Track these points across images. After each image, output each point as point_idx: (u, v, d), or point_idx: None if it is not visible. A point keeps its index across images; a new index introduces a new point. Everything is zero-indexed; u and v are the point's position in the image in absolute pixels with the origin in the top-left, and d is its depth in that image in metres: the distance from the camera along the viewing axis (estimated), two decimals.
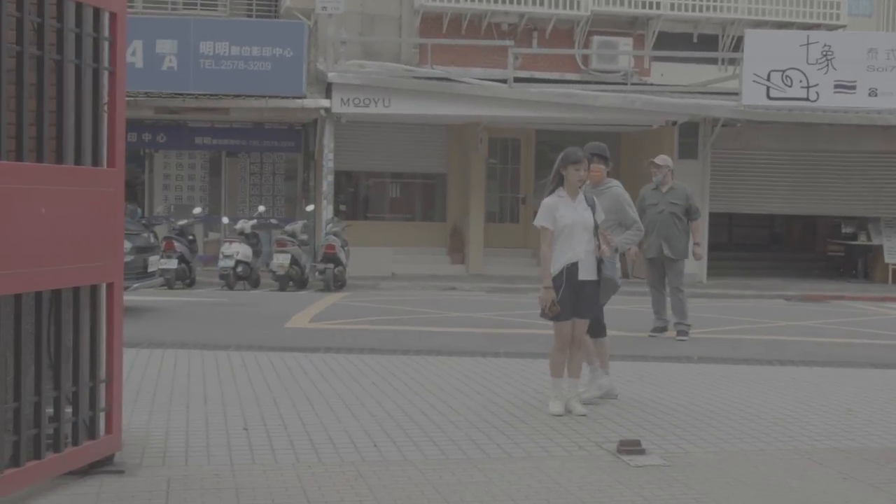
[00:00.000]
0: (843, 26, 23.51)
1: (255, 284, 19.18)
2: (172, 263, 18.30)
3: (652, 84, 22.82)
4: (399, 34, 22.97)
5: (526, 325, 13.08)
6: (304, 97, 20.51)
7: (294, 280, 18.83)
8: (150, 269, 14.38)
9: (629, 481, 5.87)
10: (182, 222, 20.05)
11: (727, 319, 14.81)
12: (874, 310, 17.35)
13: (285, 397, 8.08)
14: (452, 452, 6.47)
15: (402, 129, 22.84)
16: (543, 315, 7.63)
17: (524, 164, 24.08)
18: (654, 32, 23.26)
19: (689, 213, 12.56)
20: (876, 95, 20.18)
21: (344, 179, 23.26)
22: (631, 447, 6.50)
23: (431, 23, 22.71)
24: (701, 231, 12.78)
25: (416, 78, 21.10)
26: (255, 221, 20.26)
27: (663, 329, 12.67)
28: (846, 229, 23.71)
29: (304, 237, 19.50)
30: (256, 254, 19.67)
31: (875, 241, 22.88)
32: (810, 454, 6.63)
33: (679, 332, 12.41)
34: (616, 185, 8.71)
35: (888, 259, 22.57)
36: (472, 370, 9.65)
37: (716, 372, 9.93)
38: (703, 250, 12.88)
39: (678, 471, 6.11)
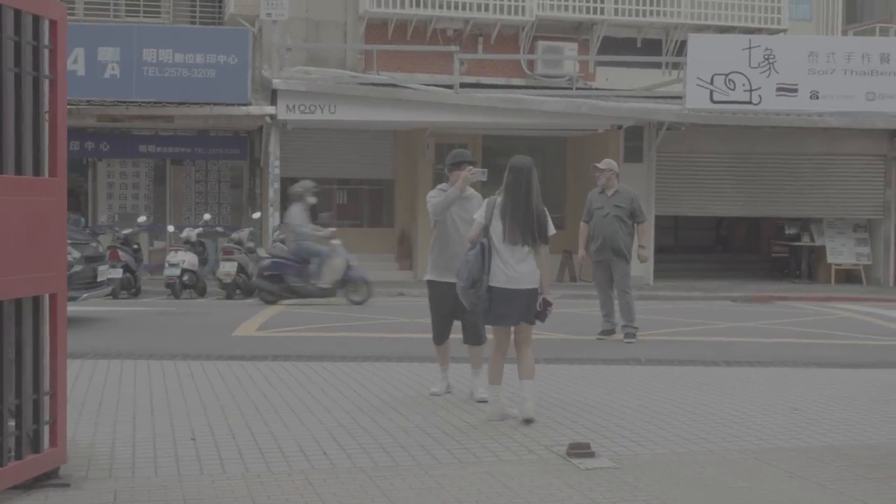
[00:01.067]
0: (785, 30, 23.81)
1: (202, 293, 19.02)
2: (117, 273, 18.07)
3: (597, 88, 22.96)
4: (344, 40, 22.91)
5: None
6: (250, 104, 20.40)
7: (241, 288, 18.69)
8: (99, 279, 14.20)
9: (579, 484, 5.89)
10: (126, 231, 19.85)
11: (674, 321, 14.92)
12: (818, 310, 17.56)
13: (233, 406, 8.02)
14: (403, 459, 6.45)
15: (348, 135, 22.79)
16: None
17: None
18: (598, 37, 23.40)
19: (635, 216, 12.64)
20: (817, 98, 20.46)
21: (290, 186, 23.11)
22: (580, 450, 6.52)
23: (377, 29, 22.68)
24: (647, 234, 12.87)
25: (362, 84, 21.07)
26: (200, 229, 20.11)
27: (611, 332, 12.73)
28: (790, 231, 24.00)
29: (251, 245, 19.36)
30: (202, 262, 19.53)
31: (818, 242, 23.18)
32: (757, 454, 6.69)
33: (626, 335, 12.48)
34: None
35: (831, 259, 22.88)
36: (422, 376, 9.63)
37: (664, 374, 9.99)
38: (650, 253, 12.95)
39: (627, 473, 6.14)
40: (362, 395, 8.61)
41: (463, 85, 20.92)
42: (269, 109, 20.27)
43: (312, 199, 17.76)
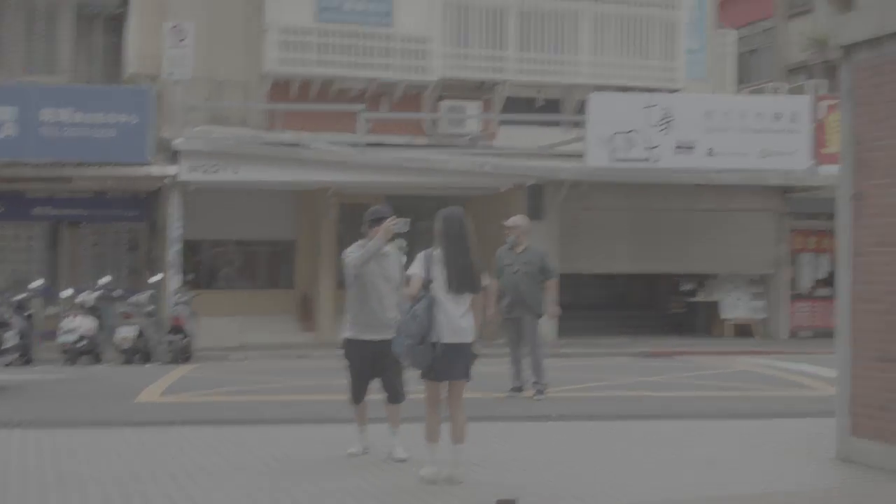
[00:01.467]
0: (681, 89, 24.35)
1: (98, 359, 18.52)
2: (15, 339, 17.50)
3: (498, 147, 23.14)
4: (246, 100, 22.76)
5: None
6: (150, 164, 20.06)
7: (140, 352, 18.27)
8: (4, 346, 13.68)
9: None
10: (20, 296, 19.24)
11: (581, 377, 14.97)
12: (717, 363, 17.82)
13: (147, 474, 7.76)
14: None
15: (250, 196, 22.54)
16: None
17: None
18: (501, 97, 23.65)
19: (545, 273, 12.72)
20: (713, 155, 20.94)
21: (191, 248, 22.79)
22: None
23: (280, 88, 22.58)
24: (556, 290, 12.94)
25: (265, 144, 20.93)
26: (98, 293, 19.59)
27: (520, 389, 12.72)
28: (686, 286, 24.41)
29: (151, 308, 18.96)
30: (100, 327, 19.00)
31: (714, 298, 23.61)
32: None
33: (537, 392, 12.48)
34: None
35: (726, 314, 23.32)
36: (337, 437, 9.41)
37: (577, 430, 10.02)
38: (558, 309, 13.03)
39: None
40: (279, 459, 8.43)
41: (367, 144, 20.91)
42: (171, 170, 19.95)
43: None
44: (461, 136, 23.24)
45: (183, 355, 18.11)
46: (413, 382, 8.06)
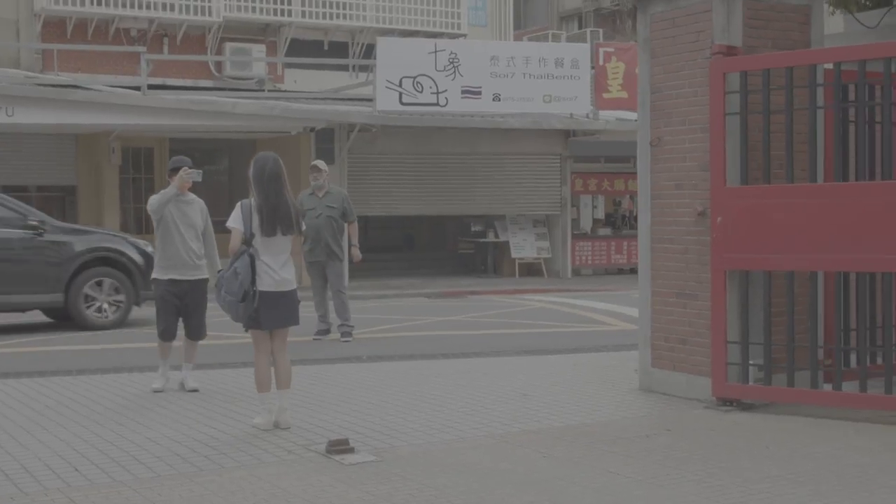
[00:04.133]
0: (465, 35, 24.78)
1: None
2: None
3: (287, 91, 22.97)
4: (18, 39, 21.68)
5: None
6: None
7: None
8: None
9: (348, 479, 5.96)
10: None
11: (380, 319, 15.22)
12: (511, 301, 18.44)
13: None
14: (161, 469, 6.28)
15: (27, 138, 21.56)
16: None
17: (158, 173, 23.44)
18: (286, 39, 23.45)
19: (346, 216, 12.81)
20: (499, 100, 21.44)
21: None
22: (340, 447, 6.58)
23: (54, 28, 21.64)
24: (357, 233, 13.06)
25: (41, 85, 20.01)
26: None
27: (327, 332, 12.83)
28: (475, 228, 25.01)
29: None
30: None
31: (502, 238, 24.31)
32: (506, 438, 7.01)
33: (343, 334, 12.62)
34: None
35: (514, 254, 24.05)
36: (146, 386, 9.29)
37: (389, 370, 10.19)
38: (359, 253, 13.14)
39: (391, 465, 6.27)
40: (91, 407, 8.25)
41: (150, 87, 20.32)
42: None
43: None
44: (247, 80, 22.95)
45: None
46: (236, 328, 8.02)
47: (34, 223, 14.20)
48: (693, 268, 8.26)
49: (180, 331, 9.23)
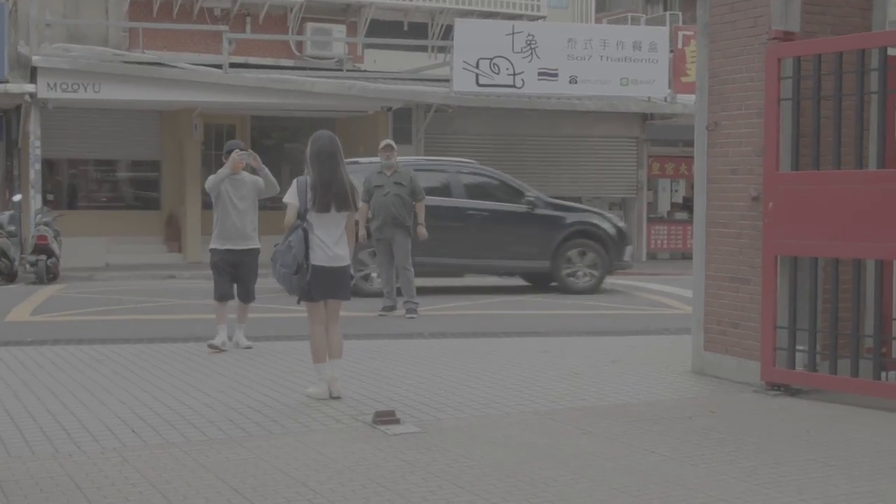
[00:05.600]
0: (544, 17, 24.79)
1: None
2: None
3: (365, 70, 23.24)
4: (106, 17, 22.26)
5: (257, 309, 13.10)
6: (7, 82, 19.53)
7: (3, 273, 17.96)
8: None
9: (390, 448, 6.15)
10: None
11: (450, 297, 15.41)
12: None
13: (26, 390, 7.84)
14: (212, 433, 6.55)
15: (113, 115, 22.19)
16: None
17: None
18: (366, 20, 23.71)
19: (414, 195, 13.01)
20: (576, 82, 21.46)
21: (51, 167, 22.36)
22: (386, 417, 6.79)
23: (141, 6, 22.17)
24: (423, 211, 13.25)
25: (127, 63, 20.56)
26: None
27: (392, 308, 13.07)
28: None
29: (12, 228, 18.59)
30: None
31: None
32: (550, 414, 7.15)
33: (408, 310, 12.84)
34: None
35: None
36: (215, 355, 9.65)
37: (449, 346, 10.38)
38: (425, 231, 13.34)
39: (433, 436, 6.46)
40: (156, 374, 8.58)
41: (231, 65, 20.75)
42: (29, 87, 19.48)
43: None
44: (327, 59, 23.25)
45: (49, 276, 17.88)
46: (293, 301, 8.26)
47: (530, 199, 16.11)
48: (746, 252, 8.29)
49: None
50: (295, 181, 7.72)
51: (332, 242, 7.60)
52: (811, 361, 7.77)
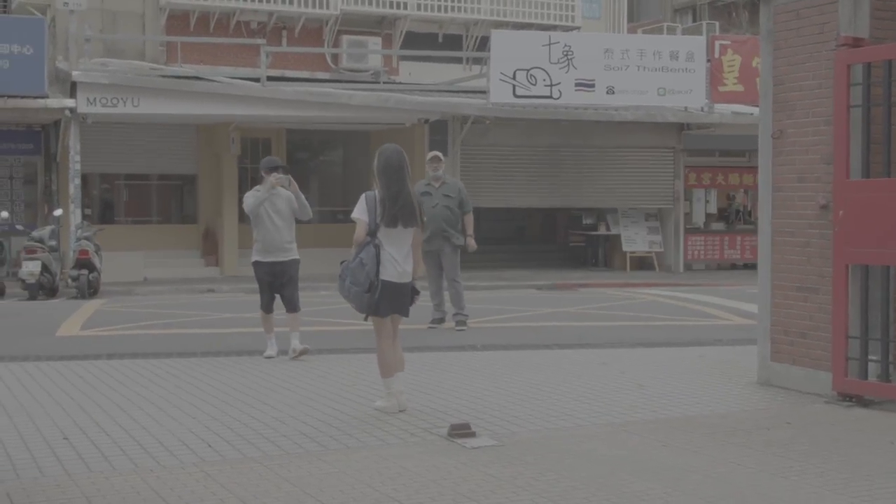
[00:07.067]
0: (578, 27, 24.74)
1: (1, 294, 18.21)
2: None
3: (402, 83, 23.23)
4: (143, 32, 22.35)
5: (306, 322, 13.06)
6: (47, 97, 19.62)
7: (45, 288, 18.02)
8: None
9: (471, 462, 6.09)
10: None
11: (494, 309, 15.33)
12: (623, 294, 18.38)
13: (92, 405, 7.82)
14: (289, 447, 6.50)
15: (150, 129, 22.26)
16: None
17: None
18: (401, 32, 23.71)
19: (462, 206, 12.95)
20: (613, 93, 21.38)
21: (89, 182, 22.44)
22: (462, 430, 6.73)
23: (178, 21, 22.25)
24: (472, 223, 13.18)
25: (165, 77, 20.62)
26: None
27: (442, 320, 12.99)
28: (587, 220, 24.97)
29: (53, 243, 18.67)
30: (0, 262, 18.70)
31: (613, 231, 24.24)
32: (624, 426, 7.07)
33: (458, 323, 12.76)
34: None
35: (625, 248, 23.97)
36: (273, 369, 9.63)
37: (504, 358, 10.31)
38: (475, 243, 13.26)
39: (512, 450, 6.39)
40: (219, 388, 8.55)
41: (268, 78, 20.78)
42: (69, 102, 19.56)
43: None
44: (363, 72, 23.27)
45: (90, 290, 17.92)
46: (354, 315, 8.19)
47: None
48: (814, 261, 8.20)
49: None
50: (363, 196, 7.63)
51: (401, 258, 7.55)
52: (884, 371, 7.67)
